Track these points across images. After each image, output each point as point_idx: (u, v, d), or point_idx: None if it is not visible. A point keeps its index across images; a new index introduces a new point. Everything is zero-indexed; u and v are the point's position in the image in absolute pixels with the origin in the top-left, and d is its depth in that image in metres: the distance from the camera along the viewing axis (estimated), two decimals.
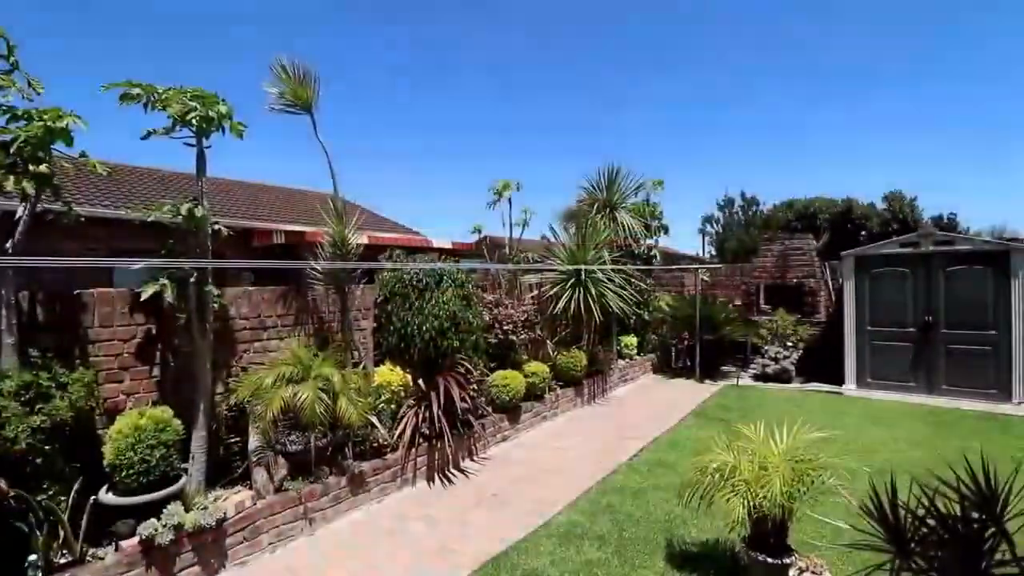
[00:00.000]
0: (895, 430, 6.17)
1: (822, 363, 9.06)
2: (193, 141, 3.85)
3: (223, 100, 3.83)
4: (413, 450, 4.77)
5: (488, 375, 6.06)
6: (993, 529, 1.51)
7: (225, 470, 4.08)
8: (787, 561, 2.92)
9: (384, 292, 5.34)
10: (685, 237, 63.03)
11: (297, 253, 8.77)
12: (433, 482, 4.85)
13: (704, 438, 5.92)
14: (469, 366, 5.41)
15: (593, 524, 3.88)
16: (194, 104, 3.68)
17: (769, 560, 2.92)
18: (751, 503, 2.80)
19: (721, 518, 3.72)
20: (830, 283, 10.10)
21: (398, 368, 5.11)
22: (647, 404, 7.75)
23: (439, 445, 4.99)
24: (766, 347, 9.30)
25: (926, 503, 1.66)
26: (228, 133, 3.95)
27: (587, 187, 9.49)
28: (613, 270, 8.01)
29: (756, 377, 9.27)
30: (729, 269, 11.32)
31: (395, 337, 5.21)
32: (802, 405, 7.36)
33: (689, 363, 10.79)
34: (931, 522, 1.65)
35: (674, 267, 11.60)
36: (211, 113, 3.72)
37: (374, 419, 4.57)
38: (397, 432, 4.71)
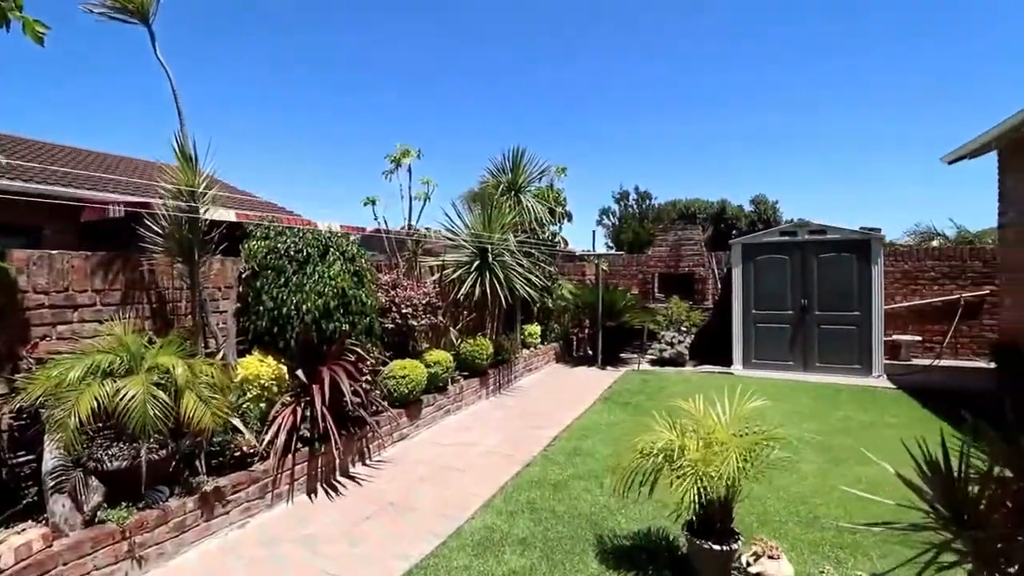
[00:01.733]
0: (785, 404, 6.46)
1: (712, 346, 9.49)
2: None
3: None
4: (290, 457, 3.87)
5: (384, 365, 5.28)
6: None
7: (10, 500, 2.91)
8: (735, 546, 2.61)
9: (252, 264, 4.33)
10: (579, 230, 65.01)
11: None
12: (316, 494, 3.98)
13: (616, 422, 5.70)
14: (362, 353, 4.60)
15: (513, 526, 3.34)
16: None
17: (716, 547, 2.59)
18: (700, 486, 2.44)
19: (651, 504, 3.39)
20: (716, 272, 10.66)
21: (270, 358, 4.15)
22: (554, 392, 7.43)
23: (323, 449, 4.13)
24: (662, 333, 9.52)
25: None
26: (23, 35, 2.80)
27: (491, 169, 9.01)
28: (522, 253, 7.59)
29: (653, 362, 9.44)
30: (626, 259, 11.53)
31: (266, 320, 4.24)
32: (700, 386, 7.51)
33: (590, 351, 10.80)
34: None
35: (576, 255, 11.56)
36: None
37: (236, 421, 3.61)
38: (268, 436, 3.78)
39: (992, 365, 8.10)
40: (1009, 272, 7.81)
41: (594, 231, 10.91)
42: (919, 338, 9.42)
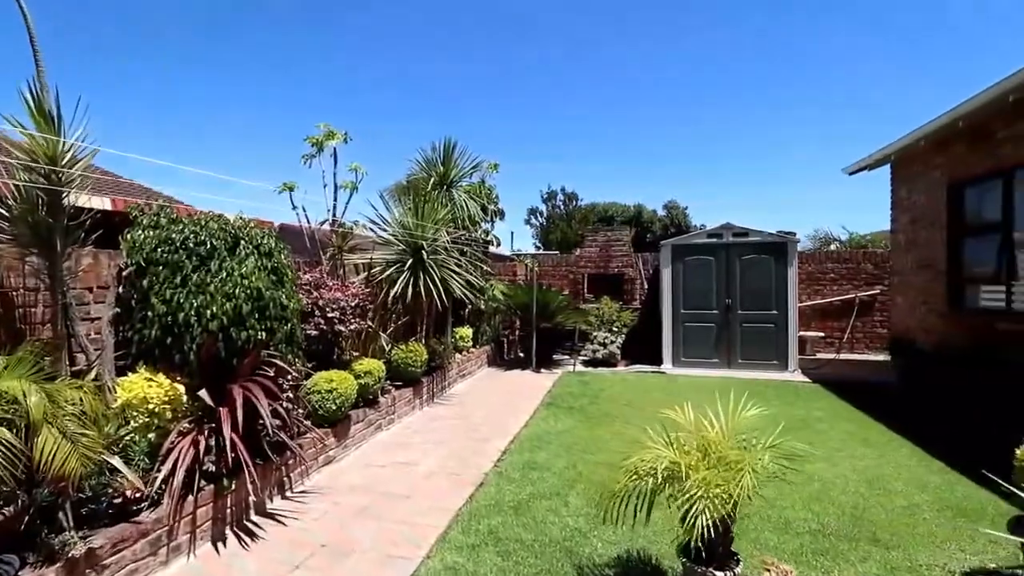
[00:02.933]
0: (724, 401, 6.56)
1: (641, 346, 9.61)
2: None
3: None
4: (191, 499, 3.11)
5: (307, 378, 4.57)
6: None
7: None
8: (738, 571, 2.37)
9: (137, 259, 3.47)
10: (507, 229, 64.53)
11: None
12: (226, 542, 3.24)
13: (565, 430, 5.41)
14: (282, 365, 3.88)
15: (479, 564, 2.87)
16: None
17: (718, 574, 2.33)
18: (711, 507, 2.16)
19: (624, 523, 3.10)
20: (642, 272, 10.86)
21: (162, 376, 3.34)
22: (493, 399, 7.02)
23: (234, 485, 3.39)
24: (595, 333, 9.48)
25: None
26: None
27: (420, 161, 8.40)
28: (459, 251, 7.10)
29: (587, 363, 9.36)
30: (556, 259, 11.42)
31: (157, 328, 3.41)
32: (640, 386, 7.50)
33: (522, 353, 10.53)
34: None
35: (508, 255, 11.23)
36: None
37: (116, 460, 2.80)
38: (162, 475, 3.00)
39: (887, 358, 8.92)
40: (899, 274, 8.64)
41: (512, 232, 10.59)
42: (822, 334, 10.22)
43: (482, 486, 3.98)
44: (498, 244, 9.21)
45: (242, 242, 3.83)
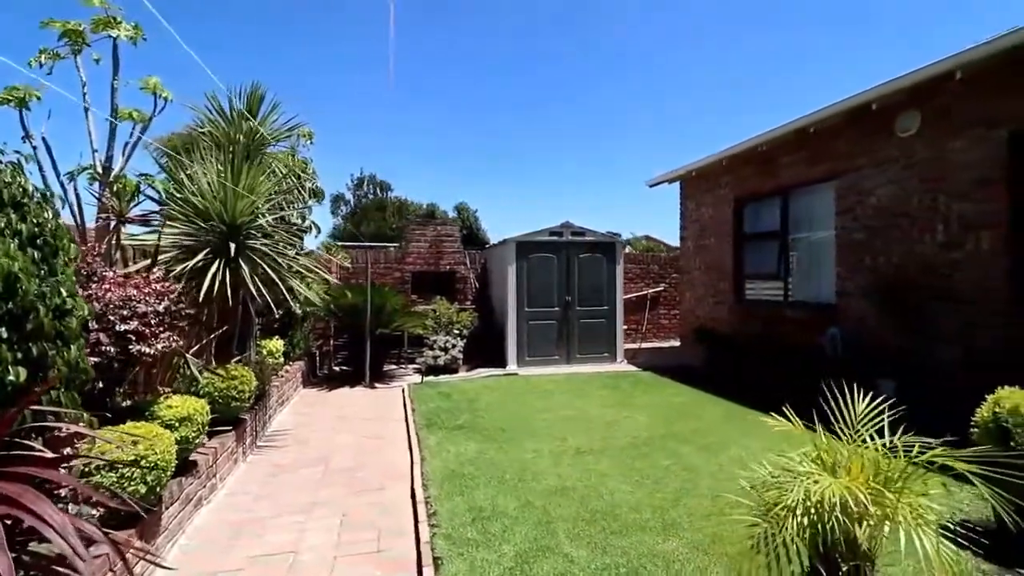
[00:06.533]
0: (591, 399, 6.44)
1: (479, 348, 9.03)
2: None
3: None
4: None
5: (80, 439, 2.50)
6: None
7: None
8: None
9: None
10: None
11: None
12: None
13: (477, 456, 4.40)
14: (69, 427, 1.92)
15: None
16: None
17: None
18: None
19: None
20: (472, 270, 10.30)
21: None
22: (343, 430, 5.40)
23: None
24: (433, 338, 8.46)
25: None
26: None
27: (211, 110, 6.00)
28: (296, 236, 5.25)
29: (427, 370, 8.26)
30: (376, 253, 9.90)
31: None
32: (505, 391, 6.88)
33: (338, 368, 8.80)
34: None
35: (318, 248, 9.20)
36: None
37: None
38: None
39: (678, 344, 10.36)
40: (687, 273, 10.14)
41: (313, 221, 8.20)
42: (625, 326, 11.37)
43: (441, 564, 2.73)
44: (318, 232, 7.38)
45: None
